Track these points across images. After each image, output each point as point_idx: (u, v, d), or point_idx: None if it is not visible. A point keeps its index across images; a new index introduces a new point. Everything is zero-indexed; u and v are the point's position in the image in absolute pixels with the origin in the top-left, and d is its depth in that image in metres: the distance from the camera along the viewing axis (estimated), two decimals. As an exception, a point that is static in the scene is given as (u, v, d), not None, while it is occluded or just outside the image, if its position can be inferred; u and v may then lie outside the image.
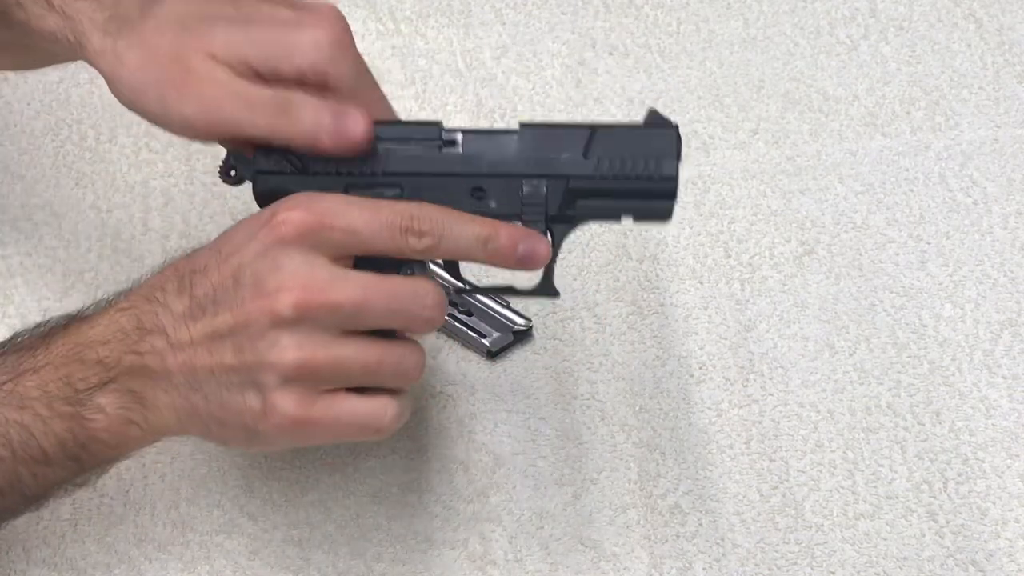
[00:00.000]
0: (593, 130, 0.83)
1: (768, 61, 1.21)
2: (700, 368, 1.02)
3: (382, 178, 0.82)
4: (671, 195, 0.83)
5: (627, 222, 0.85)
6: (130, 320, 0.80)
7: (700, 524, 0.94)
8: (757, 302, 1.06)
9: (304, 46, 0.81)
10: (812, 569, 0.93)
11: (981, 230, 1.10)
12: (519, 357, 1.02)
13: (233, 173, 0.84)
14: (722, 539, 0.94)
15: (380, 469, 0.96)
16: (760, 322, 1.05)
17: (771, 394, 1.01)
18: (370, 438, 0.82)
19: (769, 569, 0.93)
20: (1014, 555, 0.93)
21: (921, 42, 1.23)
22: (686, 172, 1.10)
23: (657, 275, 1.07)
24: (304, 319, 0.77)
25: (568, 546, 0.93)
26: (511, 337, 1.02)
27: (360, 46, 1.19)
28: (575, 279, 1.06)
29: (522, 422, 0.99)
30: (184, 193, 1.10)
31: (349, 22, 1.20)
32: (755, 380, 1.02)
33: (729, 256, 1.08)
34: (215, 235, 1.05)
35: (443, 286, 0.82)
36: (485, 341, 1.02)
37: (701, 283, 1.07)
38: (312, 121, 0.80)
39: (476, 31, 1.23)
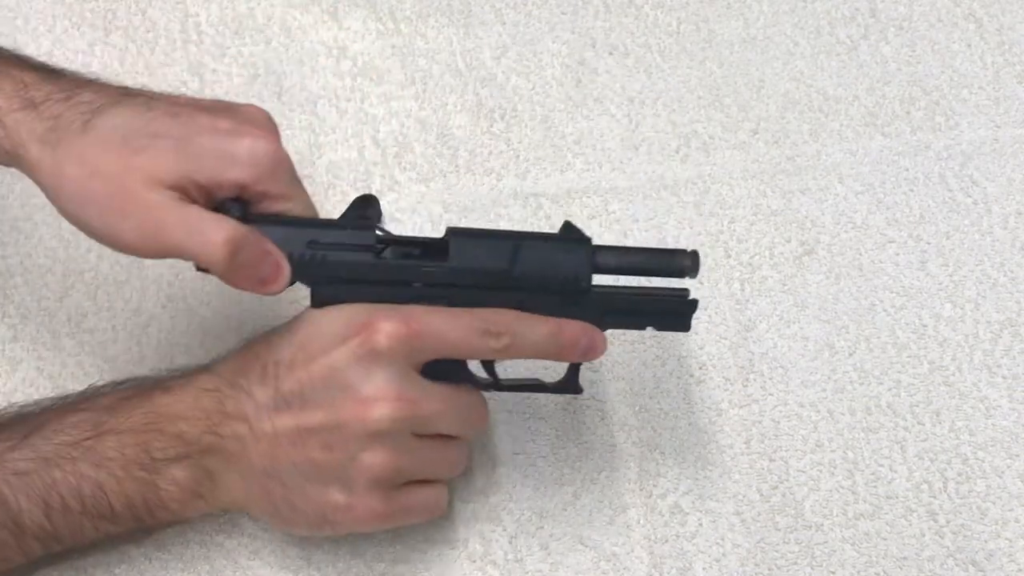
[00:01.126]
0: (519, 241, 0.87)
1: (768, 61, 1.21)
2: (700, 368, 1.02)
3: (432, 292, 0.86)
4: (691, 311, 0.90)
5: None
6: (213, 402, 0.84)
7: (700, 524, 0.94)
8: (757, 302, 1.06)
9: (243, 160, 0.84)
10: (812, 569, 0.93)
11: (981, 230, 1.10)
12: (519, 357, 1.02)
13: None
14: (722, 539, 0.94)
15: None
16: (760, 322, 1.05)
17: (771, 394, 1.01)
18: (427, 519, 0.89)
19: (769, 569, 0.93)
20: (1014, 555, 0.93)
21: (921, 42, 1.23)
22: (686, 172, 1.11)
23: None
24: (394, 429, 0.83)
25: (568, 546, 0.93)
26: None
27: (360, 46, 1.20)
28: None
29: (522, 422, 0.99)
30: (184, 193, 1.10)
31: (349, 22, 1.21)
32: (755, 380, 1.02)
33: (729, 256, 1.08)
34: (215, 235, 1.05)
35: (480, 382, 0.90)
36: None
37: (701, 283, 1.07)
38: (254, 264, 0.83)
39: (476, 31, 1.22)
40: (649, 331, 0.91)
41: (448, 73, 1.19)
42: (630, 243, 1.08)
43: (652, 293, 0.90)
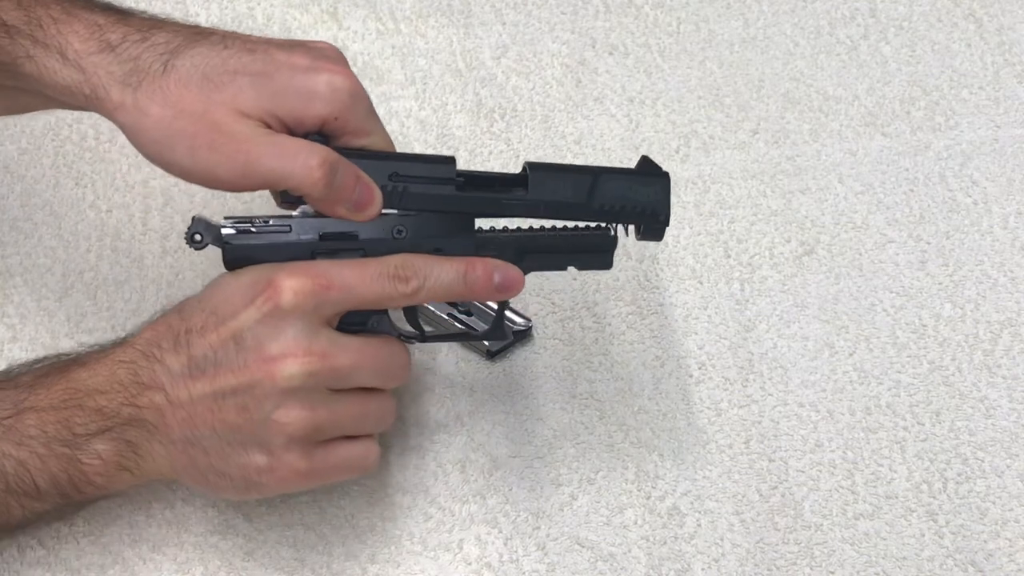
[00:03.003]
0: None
1: (768, 61, 1.21)
2: (699, 368, 1.02)
3: (347, 242, 0.87)
4: (612, 247, 0.90)
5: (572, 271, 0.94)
6: (128, 374, 0.84)
7: (699, 524, 0.94)
8: (757, 302, 1.06)
9: (324, 93, 0.85)
10: (811, 569, 0.93)
11: (981, 230, 1.10)
12: (518, 357, 1.02)
13: (199, 238, 0.85)
14: (721, 539, 0.94)
15: (376, 470, 0.96)
16: (760, 322, 1.05)
17: (770, 394, 1.01)
18: (357, 476, 0.89)
19: (768, 569, 0.93)
20: (1014, 555, 0.93)
21: (921, 42, 1.23)
22: (686, 172, 1.11)
23: (657, 275, 1.07)
24: (307, 384, 0.82)
25: (565, 547, 0.93)
26: (511, 337, 1.02)
27: (360, 46, 1.20)
28: (575, 279, 1.06)
29: (519, 423, 0.99)
30: (184, 193, 1.10)
31: (349, 22, 1.21)
32: (754, 380, 1.01)
33: (729, 256, 1.08)
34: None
35: (406, 337, 0.90)
36: (485, 341, 1.01)
37: (701, 283, 1.07)
38: (350, 187, 0.85)
39: (476, 31, 1.22)
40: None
41: (448, 73, 1.19)
42: (629, 243, 1.08)
43: (570, 232, 0.90)
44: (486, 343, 1.01)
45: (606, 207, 0.89)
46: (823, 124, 1.17)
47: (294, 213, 0.87)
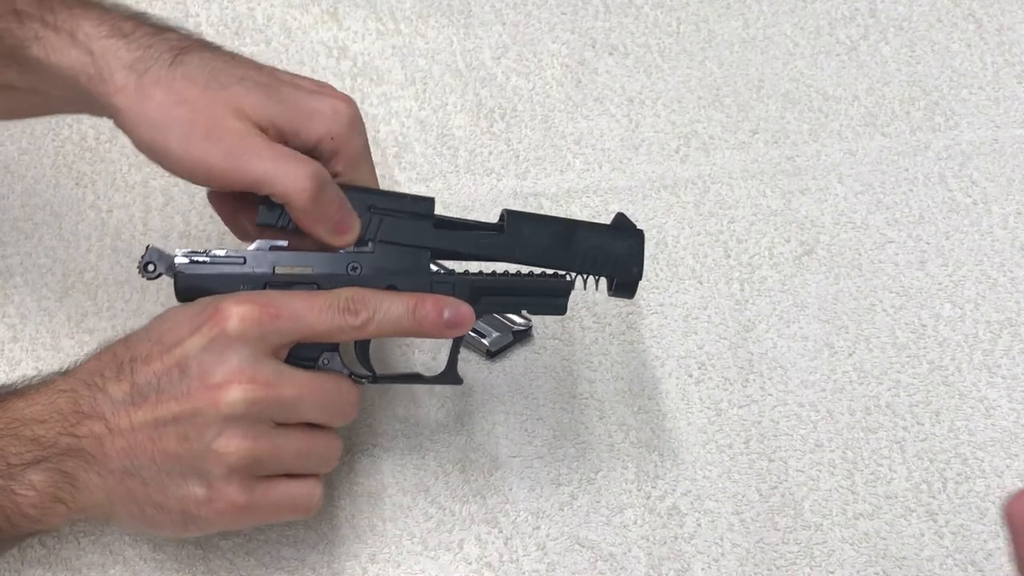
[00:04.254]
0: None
1: (768, 61, 1.21)
2: (699, 368, 1.02)
3: (301, 276, 0.87)
4: (567, 293, 0.91)
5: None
6: (68, 402, 0.82)
7: (699, 524, 0.94)
8: (757, 302, 1.06)
9: (326, 113, 0.87)
10: (811, 569, 0.93)
11: (981, 230, 1.10)
12: (518, 357, 1.02)
13: (151, 268, 0.86)
14: (721, 539, 0.94)
15: (376, 470, 0.96)
16: (759, 322, 1.05)
17: (770, 394, 1.01)
18: (298, 517, 0.87)
19: (768, 569, 0.93)
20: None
21: (921, 42, 1.23)
22: (686, 172, 1.11)
23: (657, 275, 1.07)
24: (249, 413, 0.81)
25: (565, 546, 0.93)
26: (511, 337, 1.02)
27: (360, 46, 1.20)
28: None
29: (519, 423, 0.99)
30: (184, 193, 1.10)
31: (349, 22, 1.21)
32: (754, 380, 1.02)
33: (729, 256, 1.08)
34: (214, 236, 1.06)
35: (357, 377, 0.89)
36: (485, 341, 1.02)
37: (701, 283, 1.07)
38: (334, 208, 0.86)
39: (476, 31, 1.22)
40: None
41: (448, 73, 1.19)
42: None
43: (525, 275, 0.91)
44: (486, 343, 1.01)
45: (580, 258, 0.90)
46: (823, 124, 1.17)
47: (249, 247, 0.87)
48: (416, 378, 0.94)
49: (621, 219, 0.92)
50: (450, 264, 0.92)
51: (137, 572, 0.91)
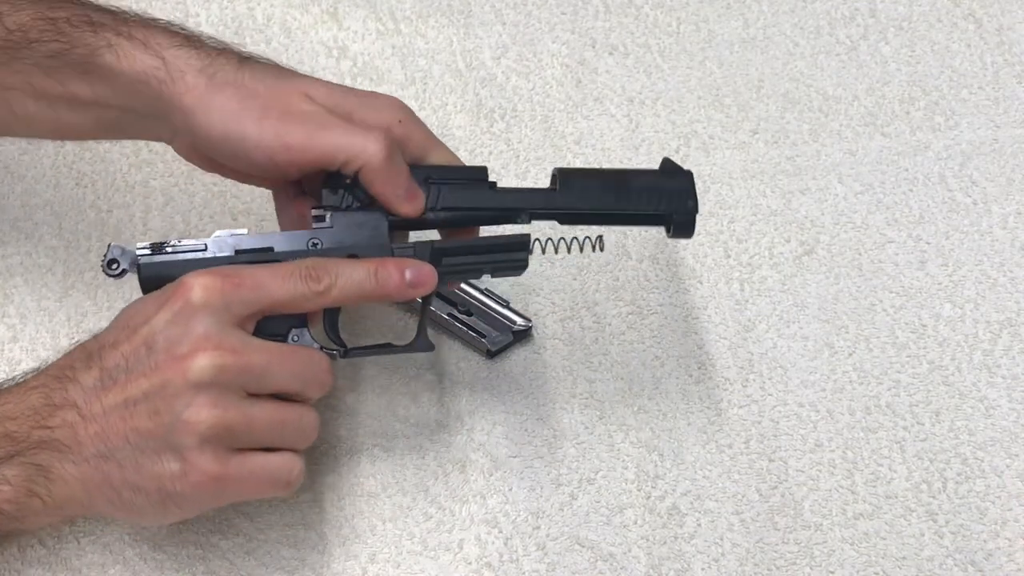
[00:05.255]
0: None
1: (768, 61, 1.21)
2: (699, 368, 1.02)
3: (263, 255, 0.88)
4: (525, 247, 0.91)
5: (487, 279, 0.95)
6: (40, 397, 0.83)
7: (699, 524, 0.94)
8: (757, 302, 1.06)
9: (387, 102, 0.91)
10: (811, 569, 0.93)
11: (981, 230, 1.10)
12: (518, 356, 1.02)
13: (115, 266, 0.87)
14: (721, 539, 0.94)
15: (375, 470, 0.96)
16: (759, 322, 1.05)
17: (770, 394, 1.01)
18: (279, 493, 0.86)
19: (768, 569, 0.93)
20: (1013, 555, 0.93)
21: (921, 42, 1.23)
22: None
23: (657, 275, 1.07)
24: (218, 380, 0.81)
25: (565, 546, 0.93)
26: (511, 337, 1.02)
27: (360, 46, 1.20)
28: (575, 279, 1.06)
29: (519, 423, 0.99)
30: (184, 193, 1.10)
31: (349, 22, 1.21)
32: (754, 380, 1.02)
33: (729, 256, 1.08)
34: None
35: (328, 351, 0.89)
36: (485, 340, 1.02)
37: (701, 283, 1.07)
38: (404, 174, 0.89)
39: (476, 31, 1.22)
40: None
41: (448, 73, 1.19)
42: (629, 243, 1.08)
43: (486, 236, 0.93)
44: (486, 343, 1.01)
45: (635, 201, 0.91)
46: (823, 124, 1.17)
47: (208, 240, 0.88)
48: (388, 347, 0.94)
49: (668, 163, 0.93)
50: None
51: (137, 572, 0.91)
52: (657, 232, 1.08)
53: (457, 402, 1.00)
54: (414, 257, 0.89)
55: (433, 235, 0.92)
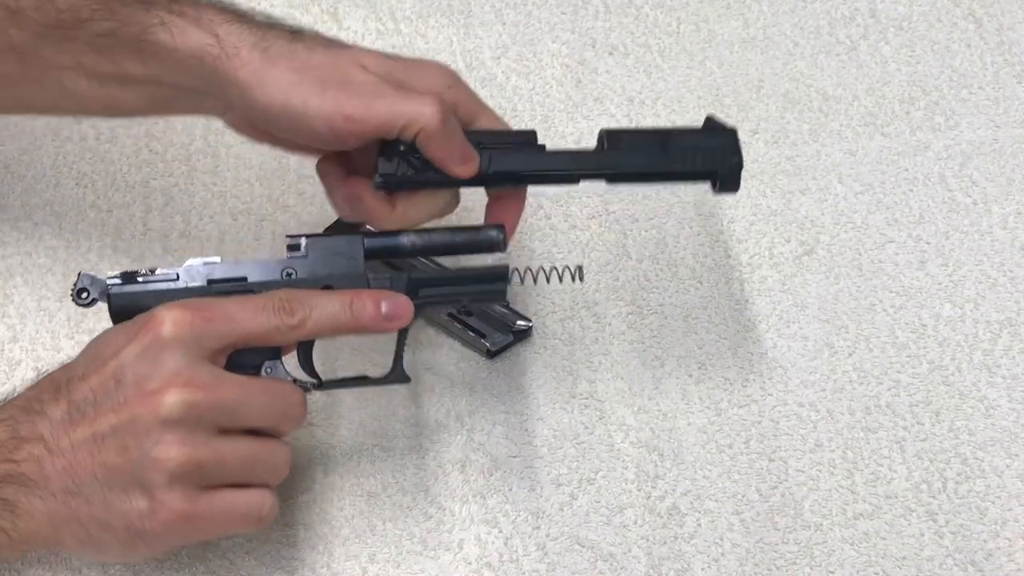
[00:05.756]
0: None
1: (768, 61, 1.21)
2: (699, 368, 1.02)
3: (236, 285, 0.87)
4: (504, 278, 0.91)
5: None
6: (5, 430, 0.81)
7: (699, 524, 0.94)
8: (757, 302, 1.06)
9: (437, 68, 0.93)
10: (811, 569, 0.93)
11: (981, 230, 1.10)
12: (518, 357, 1.02)
13: (85, 295, 0.86)
14: (721, 539, 0.94)
15: (375, 470, 0.96)
16: (759, 322, 1.05)
17: (770, 394, 1.01)
18: (250, 529, 0.86)
19: (768, 569, 0.93)
20: (1013, 555, 0.93)
21: (921, 42, 1.23)
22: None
23: (657, 275, 1.07)
24: (188, 417, 0.80)
25: (565, 546, 0.93)
26: (511, 337, 1.02)
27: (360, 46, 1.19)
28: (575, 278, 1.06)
29: (519, 423, 0.99)
30: (184, 193, 1.10)
31: (349, 22, 1.21)
32: (754, 380, 1.02)
33: (729, 256, 1.08)
34: (214, 236, 1.06)
35: (301, 384, 0.88)
36: (485, 340, 1.02)
37: (701, 283, 1.07)
38: (459, 137, 0.90)
39: (476, 31, 1.23)
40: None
41: (448, 73, 1.19)
42: (629, 243, 1.08)
43: (462, 268, 0.93)
44: (486, 343, 1.01)
45: (680, 157, 0.93)
46: (823, 124, 1.17)
47: (179, 269, 0.87)
48: (363, 380, 0.93)
49: (711, 120, 0.94)
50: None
51: (138, 572, 0.91)
52: (658, 232, 1.09)
53: (457, 402, 1.00)
54: (390, 288, 0.88)
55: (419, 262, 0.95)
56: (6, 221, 1.08)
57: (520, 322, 1.02)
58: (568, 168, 0.93)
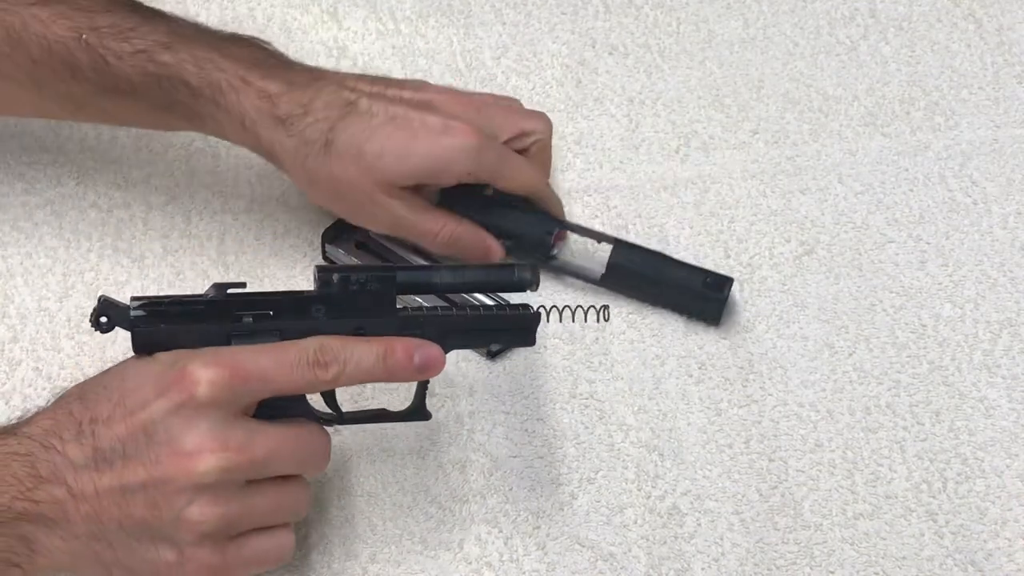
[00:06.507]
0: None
1: (768, 61, 1.21)
2: (699, 368, 1.02)
3: (264, 324, 0.85)
4: (534, 326, 0.91)
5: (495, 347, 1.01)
6: (24, 467, 0.80)
7: (699, 524, 0.94)
8: (757, 302, 1.06)
9: (457, 159, 0.98)
10: (811, 569, 0.93)
11: (981, 230, 1.10)
12: (518, 357, 1.02)
13: (104, 321, 0.83)
14: (721, 539, 0.94)
15: (375, 470, 0.96)
16: (760, 322, 1.05)
17: (770, 394, 1.01)
18: (272, 568, 0.86)
19: (768, 569, 0.93)
20: (1013, 555, 0.93)
21: (921, 42, 1.23)
22: (686, 172, 1.11)
23: (657, 275, 1.07)
24: (223, 480, 0.80)
25: (565, 546, 0.93)
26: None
27: (360, 46, 1.20)
28: (575, 278, 1.06)
29: (519, 423, 0.99)
30: (185, 192, 1.10)
31: (349, 22, 1.21)
32: (754, 380, 1.02)
33: (729, 256, 1.08)
34: (215, 235, 1.06)
35: (324, 419, 0.88)
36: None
37: (701, 283, 1.07)
38: (470, 250, 1.03)
39: (476, 31, 1.22)
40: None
41: (448, 73, 1.19)
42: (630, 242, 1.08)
43: (493, 311, 0.92)
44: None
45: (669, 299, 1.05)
46: (823, 124, 1.17)
47: (207, 293, 0.85)
48: (383, 414, 0.92)
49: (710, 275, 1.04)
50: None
51: (137, 572, 0.91)
52: (658, 232, 1.09)
53: (457, 402, 1.00)
54: (422, 333, 0.87)
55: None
56: (6, 221, 1.08)
57: (520, 322, 1.02)
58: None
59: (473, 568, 0.92)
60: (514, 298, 0.92)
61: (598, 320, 0.94)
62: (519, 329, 0.90)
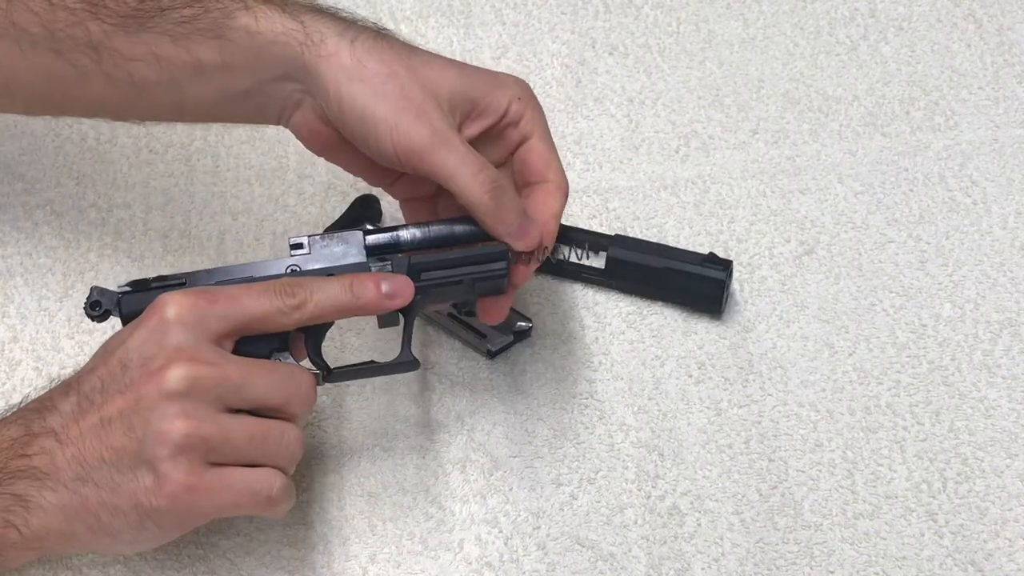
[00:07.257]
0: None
1: (768, 61, 1.21)
2: (699, 368, 1.02)
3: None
4: (504, 257, 0.91)
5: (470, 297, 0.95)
6: (18, 429, 0.82)
7: (699, 524, 0.94)
8: (756, 302, 1.06)
9: (510, 82, 0.93)
10: (811, 569, 0.93)
11: (981, 230, 1.10)
12: (518, 357, 1.02)
13: (98, 308, 0.87)
14: (721, 539, 0.94)
15: (375, 470, 0.96)
16: (759, 322, 1.05)
17: (770, 394, 1.01)
18: (262, 511, 0.84)
19: (768, 569, 0.93)
20: (1013, 555, 0.93)
21: (921, 42, 1.23)
22: (686, 172, 1.11)
23: (657, 275, 1.07)
24: (193, 390, 0.80)
25: (565, 546, 0.93)
26: (511, 337, 1.02)
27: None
28: (575, 278, 1.06)
29: (519, 423, 0.99)
30: (185, 192, 1.11)
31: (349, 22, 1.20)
32: (754, 380, 1.02)
33: (729, 256, 1.08)
34: (215, 235, 1.06)
35: (312, 372, 0.88)
36: (486, 341, 1.02)
37: (701, 283, 1.07)
38: (512, 213, 0.89)
39: (476, 31, 1.23)
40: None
41: (448, 73, 1.19)
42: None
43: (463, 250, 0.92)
44: (486, 342, 1.01)
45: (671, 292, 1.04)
46: (823, 124, 1.17)
47: (187, 274, 0.88)
48: (372, 366, 0.93)
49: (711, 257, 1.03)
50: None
51: (138, 572, 0.91)
52: (658, 232, 1.09)
53: (457, 402, 1.00)
54: (391, 271, 0.89)
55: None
56: (6, 221, 1.08)
57: (520, 322, 1.02)
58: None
59: (473, 568, 0.92)
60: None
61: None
62: (488, 262, 0.90)
